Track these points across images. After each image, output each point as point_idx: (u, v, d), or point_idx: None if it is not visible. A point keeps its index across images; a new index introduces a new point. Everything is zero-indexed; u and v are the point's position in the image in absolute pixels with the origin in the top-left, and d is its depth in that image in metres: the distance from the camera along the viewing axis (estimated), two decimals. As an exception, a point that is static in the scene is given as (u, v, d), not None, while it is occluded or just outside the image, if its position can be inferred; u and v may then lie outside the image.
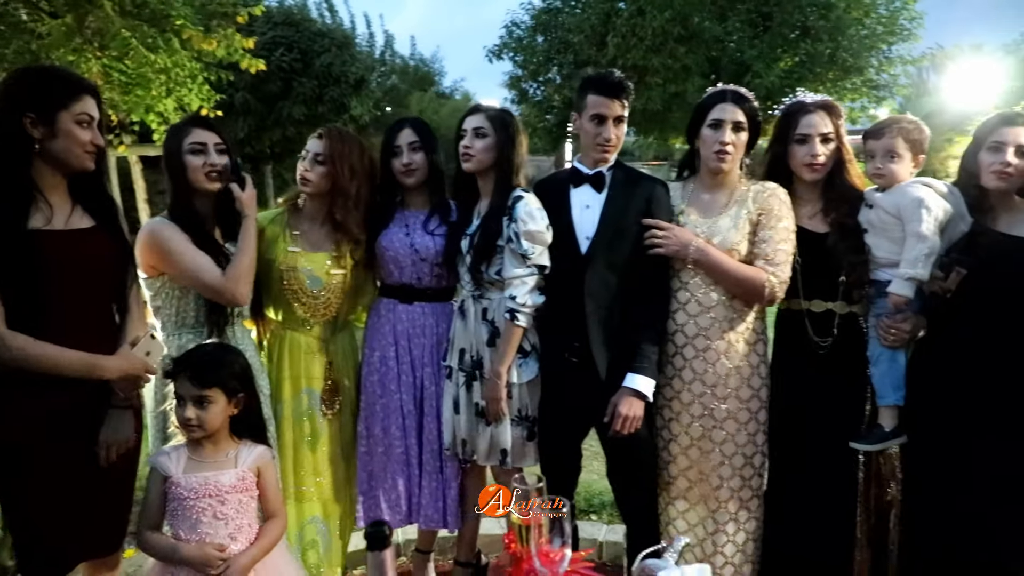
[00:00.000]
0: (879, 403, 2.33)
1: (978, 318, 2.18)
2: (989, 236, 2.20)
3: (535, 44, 10.16)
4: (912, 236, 2.20)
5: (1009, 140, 2.15)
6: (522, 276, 2.29)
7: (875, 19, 10.88)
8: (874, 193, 2.37)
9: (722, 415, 2.35)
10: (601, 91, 2.32)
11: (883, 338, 2.28)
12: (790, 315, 2.45)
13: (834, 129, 2.37)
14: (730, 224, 2.33)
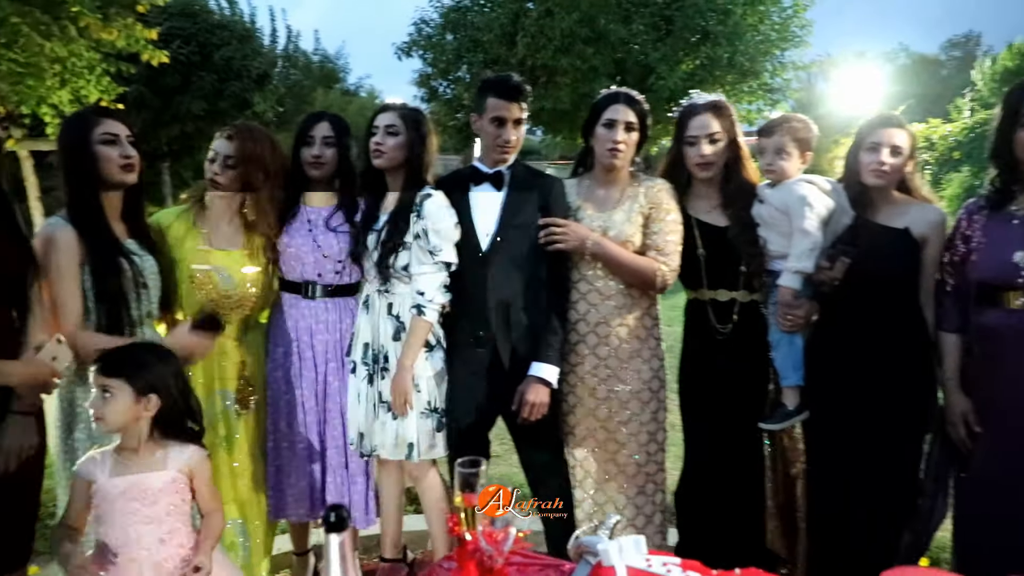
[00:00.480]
0: (782, 384, 2.51)
1: (860, 302, 2.39)
2: (869, 228, 2.40)
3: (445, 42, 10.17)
4: (798, 232, 2.38)
5: (884, 141, 2.37)
6: (429, 272, 2.36)
7: (769, 26, 11.50)
8: (765, 189, 2.54)
9: (626, 396, 2.49)
10: (501, 94, 2.41)
11: (781, 324, 2.45)
12: (697, 304, 2.60)
13: (723, 128, 2.51)
14: (624, 218, 2.47)
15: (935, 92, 31.77)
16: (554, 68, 9.24)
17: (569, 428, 2.56)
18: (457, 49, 9.88)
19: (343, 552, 1.02)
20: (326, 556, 1.03)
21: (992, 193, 2.30)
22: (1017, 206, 2.23)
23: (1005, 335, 2.20)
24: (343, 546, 1.02)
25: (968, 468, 2.33)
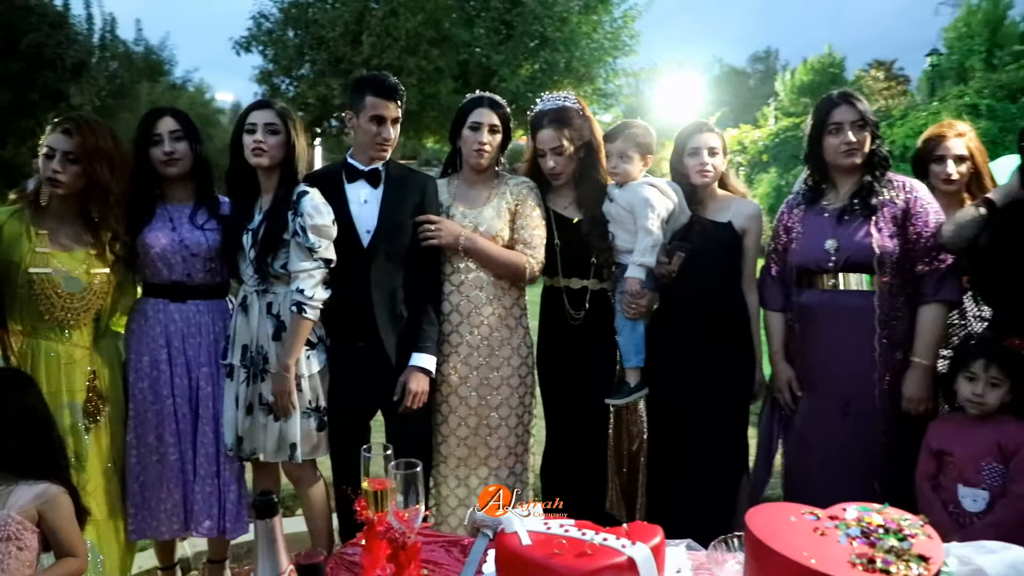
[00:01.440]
0: (625, 365, 2.76)
1: (693, 289, 2.68)
2: (700, 223, 2.71)
3: (286, 38, 9.83)
4: (641, 230, 2.64)
5: (702, 144, 2.70)
6: (309, 270, 2.36)
7: (602, 34, 12.16)
8: (614, 189, 2.79)
9: (497, 382, 2.63)
10: (379, 93, 2.47)
11: (625, 311, 2.70)
12: (553, 291, 2.79)
13: (568, 139, 2.66)
14: (493, 214, 2.61)
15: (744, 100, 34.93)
16: (400, 68, 9.25)
17: (443, 416, 2.66)
18: (299, 46, 9.60)
19: (273, 536, 1.06)
20: (258, 542, 1.06)
21: (807, 190, 2.68)
22: (827, 201, 2.61)
23: (819, 311, 2.57)
24: (273, 531, 1.06)
25: (792, 426, 2.70)
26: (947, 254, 2.44)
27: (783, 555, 1.09)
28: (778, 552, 1.10)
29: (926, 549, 1.11)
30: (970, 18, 12.61)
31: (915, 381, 2.42)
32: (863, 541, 1.12)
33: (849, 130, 2.49)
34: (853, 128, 2.49)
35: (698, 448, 2.70)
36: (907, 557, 1.07)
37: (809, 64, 17.88)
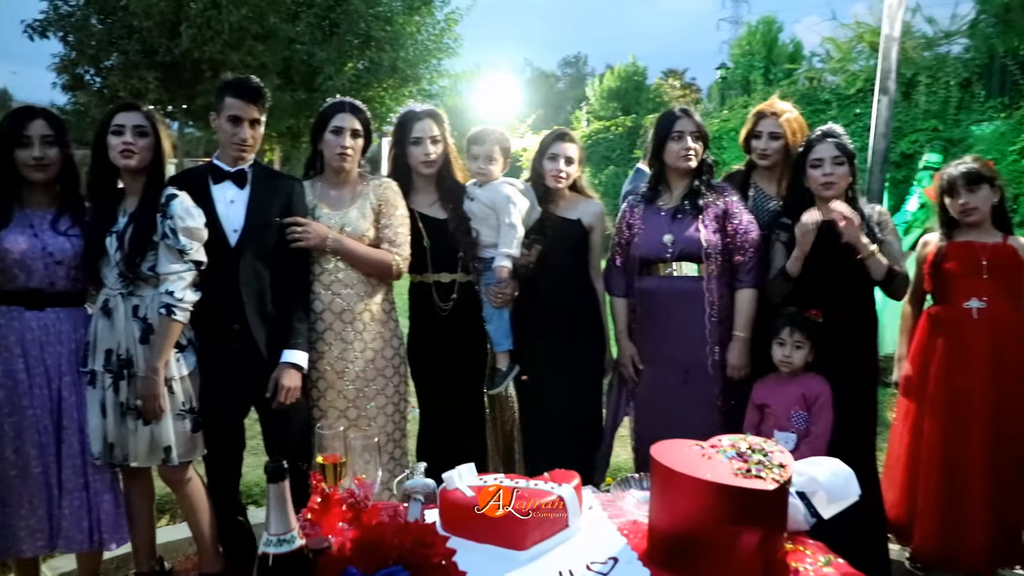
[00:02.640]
0: (496, 350, 3.06)
1: (550, 279, 3.01)
2: (553, 220, 3.06)
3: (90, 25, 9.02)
4: (506, 225, 2.95)
5: (561, 153, 3.07)
6: (179, 272, 2.42)
7: (426, 35, 12.36)
8: (475, 188, 3.07)
9: (373, 374, 2.80)
10: (237, 94, 2.58)
11: (493, 301, 3.00)
12: (422, 286, 3.01)
13: (440, 132, 2.96)
14: (358, 215, 2.77)
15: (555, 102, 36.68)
16: (222, 63, 8.87)
17: (322, 411, 2.79)
18: (108, 34, 8.85)
19: (284, 498, 1.22)
20: (269, 503, 1.22)
21: (647, 191, 3.12)
22: (663, 202, 3.06)
23: (659, 295, 3.01)
24: (283, 493, 1.22)
25: (637, 396, 3.13)
26: (756, 250, 2.94)
27: (687, 475, 1.42)
28: (682, 473, 1.43)
29: (781, 460, 1.50)
30: (751, 37, 14.39)
31: (736, 351, 2.91)
32: (739, 459, 1.49)
33: (689, 138, 2.95)
34: (692, 137, 2.96)
35: (559, 421, 3.04)
36: (770, 466, 1.45)
37: (616, 72, 19.33)
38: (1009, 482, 2.81)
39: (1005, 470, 2.80)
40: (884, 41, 3.47)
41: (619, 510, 1.76)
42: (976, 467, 2.81)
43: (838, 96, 10.22)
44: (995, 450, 2.80)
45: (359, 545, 1.19)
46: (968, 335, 2.85)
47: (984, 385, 2.81)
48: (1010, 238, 2.87)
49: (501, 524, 1.51)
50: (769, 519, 1.40)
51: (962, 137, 8.45)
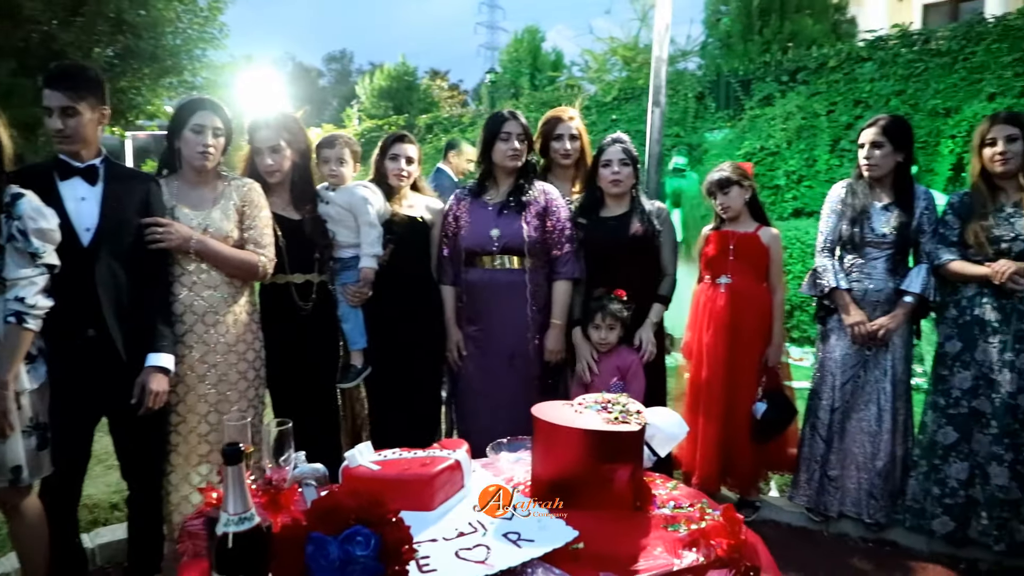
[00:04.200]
0: (351, 348, 3.18)
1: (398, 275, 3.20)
2: (399, 218, 3.26)
3: None
4: (366, 225, 3.10)
5: (402, 153, 3.28)
6: (30, 276, 2.27)
7: (188, 23, 11.59)
8: (328, 192, 3.17)
9: (235, 377, 2.79)
10: (47, 83, 2.46)
11: (350, 300, 3.13)
12: (277, 287, 3.04)
13: (286, 142, 2.99)
14: (221, 216, 2.75)
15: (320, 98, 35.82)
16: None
17: (181, 416, 2.73)
18: None
19: (241, 479, 1.31)
20: (226, 486, 1.30)
21: (475, 186, 3.40)
22: (489, 197, 3.36)
23: (484, 286, 3.31)
24: (241, 474, 1.31)
25: (460, 380, 3.40)
26: (571, 243, 3.36)
27: (568, 427, 1.72)
28: (564, 426, 1.73)
29: (636, 408, 1.86)
30: (517, 45, 15.33)
31: (554, 337, 3.31)
32: (604, 412, 1.82)
33: (515, 140, 3.27)
34: (519, 139, 3.28)
35: (403, 408, 3.24)
36: (631, 413, 1.80)
37: (386, 71, 19.45)
38: (741, 425, 3.50)
39: (737, 414, 3.49)
40: (655, 61, 4.08)
41: (498, 469, 2.02)
42: (714, 412, 3.47)
43: (597, 103, 11.32)
44: (729, 398, 3.48)
45: (317, 513, 1.31)
46: (716, 304, 3.51)
47: (723, 344, 3.48)
48: (761, 228, 3.57)
49: (410, 489, 1.70)
50: (635, 455, 1.74)
51: (699, 143, 9.85)
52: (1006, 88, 7.34)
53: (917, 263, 3.36)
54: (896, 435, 3.40)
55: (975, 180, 3.22)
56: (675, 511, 1.72)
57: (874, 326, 3.31)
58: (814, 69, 9.04)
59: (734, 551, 1.55)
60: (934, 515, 3.28)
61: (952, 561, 3.25)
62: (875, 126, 3.34)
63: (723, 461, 3.55)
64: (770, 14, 10.77)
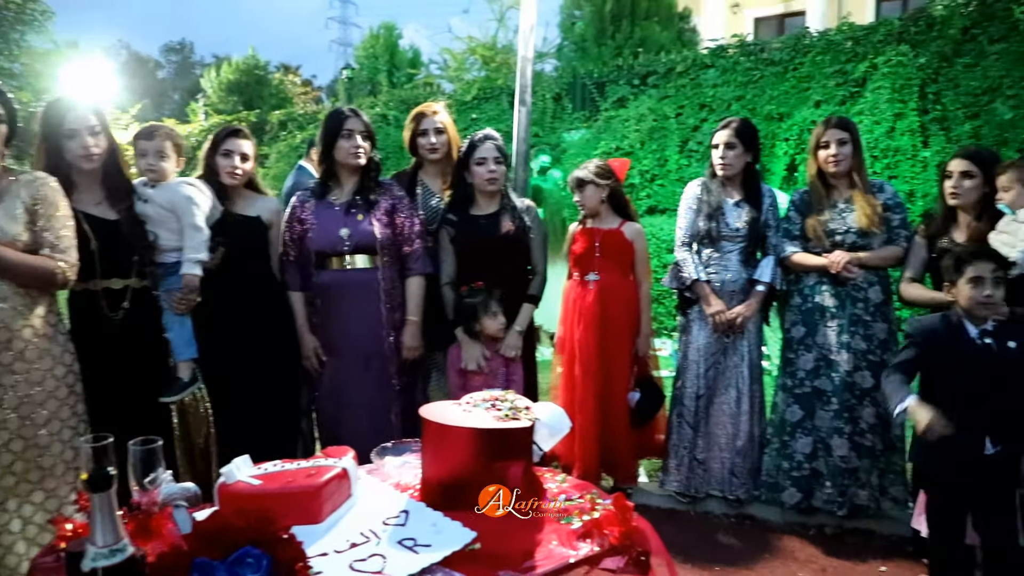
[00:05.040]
0: (178, 359, 2.94)
1: (233, 279, 3.04)
2: (234, 218, 3.09)
3: None
4: (190, 227, 2.89)
5: (236, 149, 3.12)
6: None
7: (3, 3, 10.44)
8: (146, 189, 2.93)
9: (42, 397, 2.46)
10: None
11: (175, 308, 2.92)
12: (87, 294, 2.74)
13: (101, 123, 2.73)
14: (5, 217, 2.41)
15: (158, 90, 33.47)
16: None
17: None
18: None
19: (111, 508, 1.18)
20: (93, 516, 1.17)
21: (318, 186, 3.30)
22: (334, 197, 3.27)
23: (337, 288, 3.22)
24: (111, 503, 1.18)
25: (320, 387, 3.29)
26: (421, 239, 3.32)
27: (459, 426, 1.70)
28: (455, 426, 1.70)
29: (524, 404, 1.87)
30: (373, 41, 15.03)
31: (410, 334, 3.28)
32: (494, 409, 1.82)
33: (358, 136, 3.20)
34: (361, 136, 3.21)
35: (255, 418, 3.08)
36: (520, 408, 1.81)
37: (235, 64, 18.45)
38: (616, 415, 3.64)
39: (612, 405, 3.62)
40: (520, 61, 4.13)
41: (383, 475, 1.96)
42: (590, 405, 3.59)
43: (456, 102, 11.32)
44: (603, 390, 3.61)
45: (201, 536, 1.21)
46: (586, 300, 3.62)
47: (594, 338, 3.59)
48: (625, 224, 3.71)
49: (296, 502, 1.61)
50: (527, 451, 1.75)
51: (558, 143, 10.09)
52: (830, 96, 8.06)
53: (765, 255, 3.62)
54: (753, 416, 3.66)
55: (812, 179, 3.52)
56: (567, 504, 1.75)
57: (732, 314, 3.54)
58: (663, 74, 9.51)
59: (626, 538, 1.60)
60: (784, 488, 3.56)
61: (802, 529, 3.54)
62: (728, 128, 3.57)
63: (603, 452, 3.66)
64: (621, 19, 11.25)
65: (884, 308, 3.43)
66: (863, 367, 3.39)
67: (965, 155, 3.13)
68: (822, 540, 3.48)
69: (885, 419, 3.40)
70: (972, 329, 2.49)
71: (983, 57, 7.33)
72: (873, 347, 3.40)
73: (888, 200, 3.44)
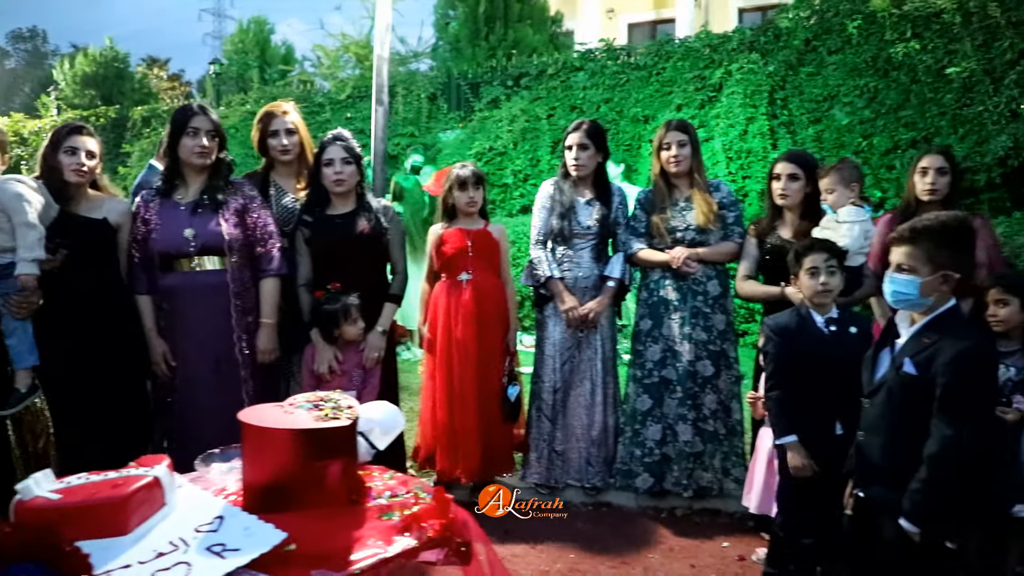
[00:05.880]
0: (17, 367, 2.79)
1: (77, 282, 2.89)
2: (76, 220, 2.95)
3: None
4: (23, 226, 2.73)
5: (80, 146, 2.98)
6: None
7: None
8: None
9: None
10: None
11: (14, 312, 2.75)
12: None
13: None
14: None
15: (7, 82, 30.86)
16: None
17: None
18: None
19: None
20: None
21: (162, 186, 3.17)
22: (180, 196, 3.16)
23: (184, 291, 3.12)
24: None
25: (168, 392, 3.17)
26: (275, 240, 3.26)
27: (277, 428, 1.68)
28: (272, 428, 1.68)
29: (348, 403, 1.87)
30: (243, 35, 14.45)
31: (265, 337, 3.21)
32: (316, 410, 1.81)
33: (204, 136, 3.09)
34: (208, 135, 3.11)
35: (101, 422, 2.95)
36: (342, 408, 1.81)
37: (91, 56, 17.24)
38: (494, 410, 3.71)
39: (490, 401, 3.70)
40: (376, 60, 4.11)
41: (208, 482, 1.91)
42: (471, 401, 3.64)
43: (331, 100, 11.12)
44: (482, 387, 3.67)
45: (-35, 555, 1.14)
46: (461, 299, 3.66)
47: (472, 336, 3.64)
48: (489, 225, 3.77)
49: (98, 515, 1.54)
50: (347, 449, 1.75)
51: (433, 143, 10.11)
52: (690, 100, 8.50)
53: (616, 252, 3.77)
54: (607, 407, 3.80)
55: (655, 178, 3.70)
56: (391, 500, 1.76)
57: (585, 310, 3.66)
58: (535, 76, 9.72)
59: (446, 530, 1.63)
60: (638, 474, 3.72)
61: (656, 512, 3.72)
62: (579, 131, 3.70)
63: (485, 447, 3.68)
64: (495, 21, 11.40)
65: (723, 300, 3.65)
66: (704, 356, 3.60)
67: (790, 159, 3.38)
68: (673, 522, 3.66)
69: (726, 405, 3.63)
70: (818, 319, 2.70)
71: (823, 67, 7.93)
72: (713, 337, 3.61)
73: (724, 199, 3.67)
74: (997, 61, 6.56)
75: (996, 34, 6.63)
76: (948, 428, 1.98)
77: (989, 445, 2.03)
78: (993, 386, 2.16)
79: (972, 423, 1.97)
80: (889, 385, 2.17)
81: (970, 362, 1.99)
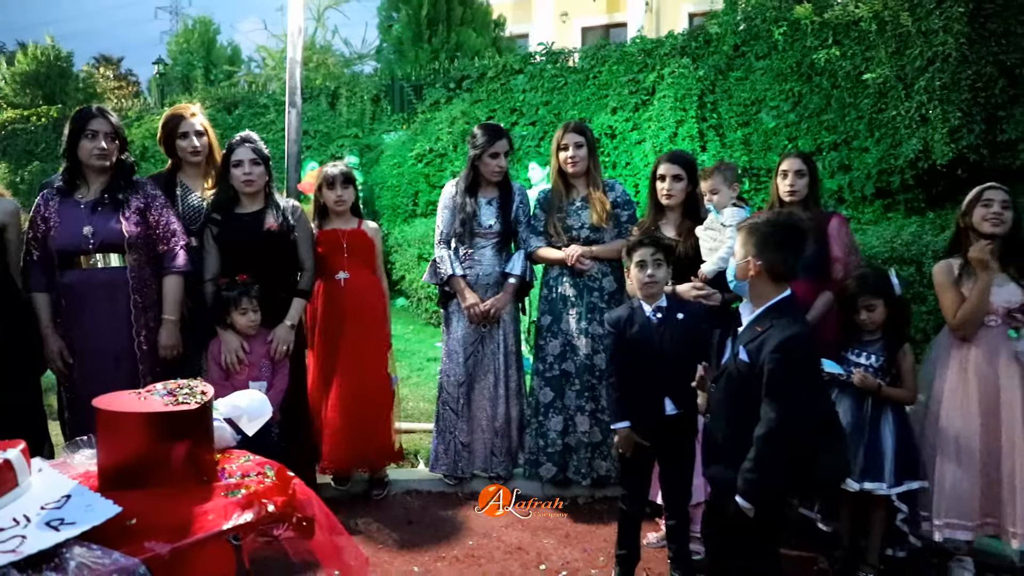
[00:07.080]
0: None
1: None
2: None
3: None
4: None
5: None
6: None
7: None
8: None
9: None
10: None
11: None
12: None
13: None
14: None
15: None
16: None
17: None
18: None
19: None
20: None
21: (63, 184, 3.23)
22: (81, 195, 3.21)
23: (83, 288, 3.17)
24: None
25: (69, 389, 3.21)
26: (178, 238, 3.33)
27: (128, 412, 1.78)
28: (124, 412, 1.78)
29: (203, 390, 1.98)
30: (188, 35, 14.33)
31: (167, 333, 3.28)
32: (170, 396, 1.91)
33: (102, 139, 3.16)
34: (107, 138, 3.17)
35: None
36: (195, 394, 1.91)
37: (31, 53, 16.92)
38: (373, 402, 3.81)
39: (368, 394, 3.79)
40: (289, 63, 4.20)
41: (71, 468, 1.99)
42: (357, 397, 3.74)
43: (275, 101, 11.11)
44: (366, 381, 3.77)
45: None
46: (339, 299, 3.76)
47: (351, 333, 3.75)
48: (363, 223, 3.88)
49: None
50: (196, 432, 1.86)
51: (376, 144, 10.18)
52: (624, 103, 8.70)
53: (518, 250, 3.92)
54: (510, 399, 3.95)
55: (554, 178, 3.85)
56: (240, 480, 1.87)
57: (486, 306, 3.80)
58: (476, 78, 9.84)
59: (287, 507, 1.75)
60: (543, 463, 3.87)
61: (560, 500, 3.86)
62: (505, 138, 3.83)
63: (367, 437, 3.79)
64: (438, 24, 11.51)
65: (618, 296, 3.81)
66: (600, 350, 3.76)
67: (673, 160, 3.53)
68: (575, 509, 3.82)
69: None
70: (648, 309, 2.88)
71: (751, 72, 8.19)
72: (609, 331, 3.77)
73: (618, 198, 3.84)
74: (909, 68, 6.84)
75: (908, 42, 6.92)
76: (772, 411, 2.16)
77: (812, 426, 2.21)
78: (813, 370, 2.34)
79: (794, 406, 2.15)
80: (728, 371, 2.34)
81: (790, 349, 2.16)
